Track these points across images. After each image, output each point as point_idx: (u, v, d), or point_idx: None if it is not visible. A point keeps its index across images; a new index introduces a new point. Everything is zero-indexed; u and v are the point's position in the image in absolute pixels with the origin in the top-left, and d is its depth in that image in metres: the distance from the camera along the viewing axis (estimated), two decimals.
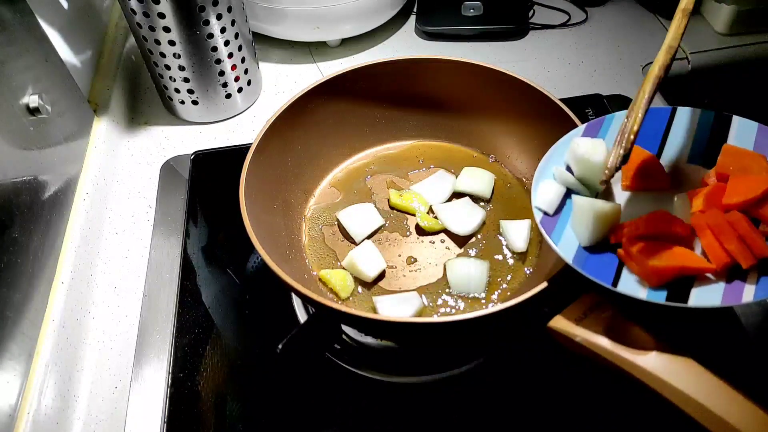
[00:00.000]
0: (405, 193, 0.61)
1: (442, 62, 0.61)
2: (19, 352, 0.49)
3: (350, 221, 0.59)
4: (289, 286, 0.45)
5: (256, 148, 0.54)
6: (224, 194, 0.55)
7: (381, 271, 0.55)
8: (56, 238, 0.59)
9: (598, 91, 0.77)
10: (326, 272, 0.55)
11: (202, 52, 0.70)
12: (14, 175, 0.53)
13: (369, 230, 0.59)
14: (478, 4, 0.89)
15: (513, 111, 0.61)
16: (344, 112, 0.63)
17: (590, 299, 0.43)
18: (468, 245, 0.58)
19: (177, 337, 0.57)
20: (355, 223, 0.59)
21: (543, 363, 0.53)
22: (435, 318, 0.51)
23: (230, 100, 0.77)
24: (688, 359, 0.38)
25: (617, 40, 0.87)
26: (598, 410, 0.51)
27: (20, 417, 0.48)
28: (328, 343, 0.54)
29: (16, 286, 0.50)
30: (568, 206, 0.48)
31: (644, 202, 0.48)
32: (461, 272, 0.54)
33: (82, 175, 0.68)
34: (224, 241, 0.65)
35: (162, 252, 0.64)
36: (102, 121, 0.75)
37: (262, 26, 0.84)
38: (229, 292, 0.61)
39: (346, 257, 0.56)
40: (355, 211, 0.60)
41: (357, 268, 0.55)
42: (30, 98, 0.57)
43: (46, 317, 0.55)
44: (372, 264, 0.55)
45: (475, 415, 0.51)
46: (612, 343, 0.40)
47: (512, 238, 0.57)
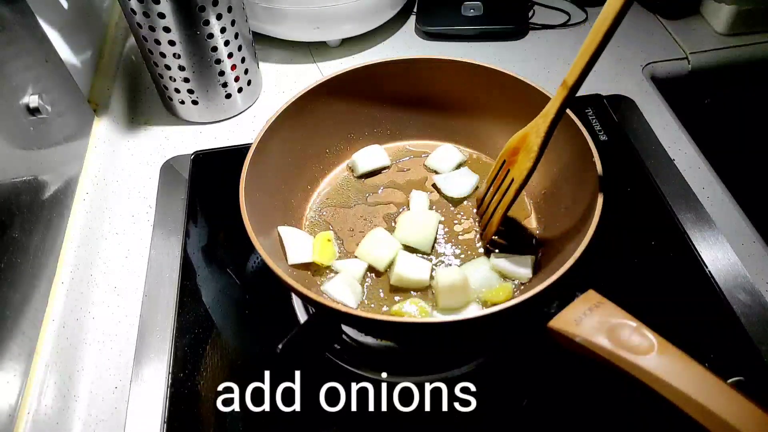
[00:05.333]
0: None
1: (442, 62, 0.61)
2: (19, 352, 0.49)
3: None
4: (289, 286, 0.45)
5: (256, 148, 0.54)
6: (224, 194, 0.55)
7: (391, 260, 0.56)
8: (56, 238, 0.59)
9: (598, 91, 0.77)
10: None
11: (202, 52, 0.70)
12: (14, 175, 0.53)
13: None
14: (478, 4, 0.89)
15: (513, 111, 0.61)
16: (344, 112, 0.63)
17: (590, 299, 0.43)
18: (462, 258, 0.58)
19: (177, 337, 0.57)
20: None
21: (543, 363, 0.53)
22: (435, 318, 0.51)
23: (230, 100, 0.77)
24: (688, 359, 0.37)
25: (617, 40, 0.86)
26: (598, 410, 0.51)
27: (20, 417, 0.48)
28: (328, 343, 0.54)
29: (16, 286, 0.50)
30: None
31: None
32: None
33: (82, 175, 0.68)
34: (224, 241, 0.65)
35: (162, 252, 0.64)
36: (102, 121, 0.75)
37: (262, 26, 0.84)
38: (229, 292, 0.61)
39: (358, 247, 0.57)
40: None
41: (372, 256, 0.55)
42: (30, 98, 0.57)
43: (46, 317, 0.55)
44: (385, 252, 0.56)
45: (475, 415, 0.51)
46: (612, 343, 0.39)
47: (517, 272, 0.54)
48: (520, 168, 0.52)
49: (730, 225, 0.64)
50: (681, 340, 0.38)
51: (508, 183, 0.54)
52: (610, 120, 0.74)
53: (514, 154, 0.53)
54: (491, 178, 0.57)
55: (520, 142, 0.52)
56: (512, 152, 0.53)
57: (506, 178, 0.54)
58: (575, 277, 0.43)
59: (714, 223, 0.63)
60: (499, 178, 0.55)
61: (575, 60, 0.46)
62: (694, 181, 0.68)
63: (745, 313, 0.56)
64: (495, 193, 0.55)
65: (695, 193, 0.66)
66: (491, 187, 0.57)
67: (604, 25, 0.44)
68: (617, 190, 0.63)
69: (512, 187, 0.53)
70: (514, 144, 0.53)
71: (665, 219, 0.64)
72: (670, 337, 0.39)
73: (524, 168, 0.51)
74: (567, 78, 0.47)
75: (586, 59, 0.45)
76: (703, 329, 0.55)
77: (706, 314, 0.56)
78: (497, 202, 0.55)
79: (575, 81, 0.46)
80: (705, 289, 0.58)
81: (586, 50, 0.45)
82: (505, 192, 0.54)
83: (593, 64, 0.45)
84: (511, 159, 0.53)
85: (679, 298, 0.58)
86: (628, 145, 0.71)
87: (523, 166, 0.51)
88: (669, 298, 0.58)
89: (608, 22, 0.44)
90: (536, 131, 0.50)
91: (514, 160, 0.53)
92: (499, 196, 0.55)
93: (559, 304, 0.43)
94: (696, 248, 0.61)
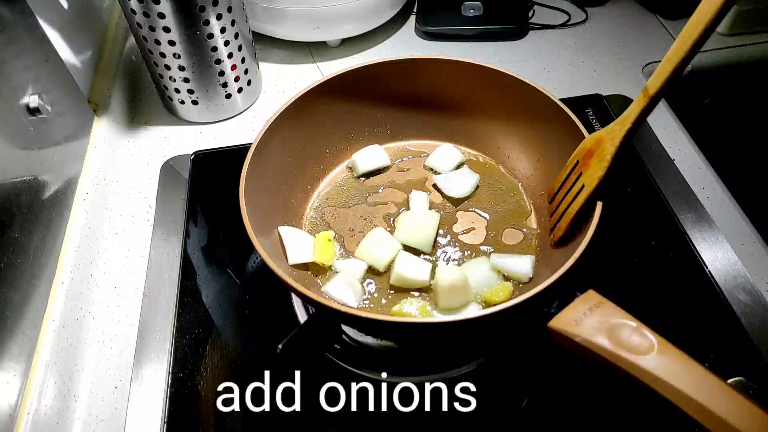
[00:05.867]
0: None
1: (442, 62, 0.61)
2: (19, 352, 0.49)
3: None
4: (289, 286, 0.45)
5: (256, 148, 0.54)
6: (224, 194, 0.55)
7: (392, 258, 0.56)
8: (56, 238, 0.59)
9: (598, 91, 0.77)
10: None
11: (202, 52, 0.70)
12: (14, 175, 0.53)
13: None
14: (478, 4, 0.89)
15: (513, 111, 0.61)
16: (344, 112, 0.63)
17: (590, 299, 0.43)
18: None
19: (177, 337, 0.57)
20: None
21: (543, 363, 0.53)
22: (435, 318, 0.51)
23: (230, 100, 0.77)
24: (688, 359, 0.37)
25: (617, 40, 0.87)
26: (598, 410, 0.51)
27: (20, 417, 0.48)
28: (328, 343, 0.54)
29: (16, 286, 0.50)
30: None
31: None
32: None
33: (82, 175, 0.68)
34: (224, 241, 0.65)
35: (162, 252, 0.64)
36: (102, 121, 0.75)
37: (262, 26, 0.84)
38: (229, 292, 0.61)
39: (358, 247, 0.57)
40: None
41: (372, 255, 0.55)
42: (30, 98, 0.57)
43: (46, 317, 0.55)
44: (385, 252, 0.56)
45: (475, 415, 0.51)
46: (612, 343, 0.39)
47: (517, 272, 0.54)
48: (592, 175, 0.48)
49: (730, 225, 0.64)
50: (681, 340, 0.38)
51: (579, 187, 0.50)
52: (610, 120, 0.72)
53: (588, 158, 0.49)
54: (564, 176, 0.53)
55: (595, 145, 0.49)
56: (586, 154, 0.50)
57: (578, 180, 0.50)
58: (575, 277, 0.43)
59: (714, 223, 0.63)
60: (571, 179, 0.51)
61: (659, 66, 0.42)
62: (694, 181, 0.68)
63: (745, 313, 0.56)
64: (566, 194, 0.52)
65: (695, 193, 0.66)
66: (564, 184, 0.53)
67: (697, 30, 0.39)
68: (617, 190, 0.63)
69: (582, 193, 0.49)
70: (589, 145, 0.50)
71: (665, 219, 0.64)
72: (670, 337, 0.39)
73: (596, 176, 0.48)
74: (649, 84, 0.43)
75: (673, 66, 0.41)
76: (703, 329, 0.55)
77: (706, 314, 0.56)
78: (567, 204, 0.51)
79: (658, 89, 0.43)
80: (705, 289, 0.58)
81: (673, 56, 0.41)
82: (576, 195, 0.50)
83: (681, 71, 0.41)
84: (584, 162, 0.50)
85: (679, 298, 0.58)
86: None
87: (595, 174, 0.48)
88: (669, 298, 0.58)
89: (702, 26, 0.39)
90: (611, 138, 0.47)
91: (588, 164, 0.49)
92: (569, 198, 0.51)
93: (559, 304, 0.43)
94: (696, 248, 0.61)
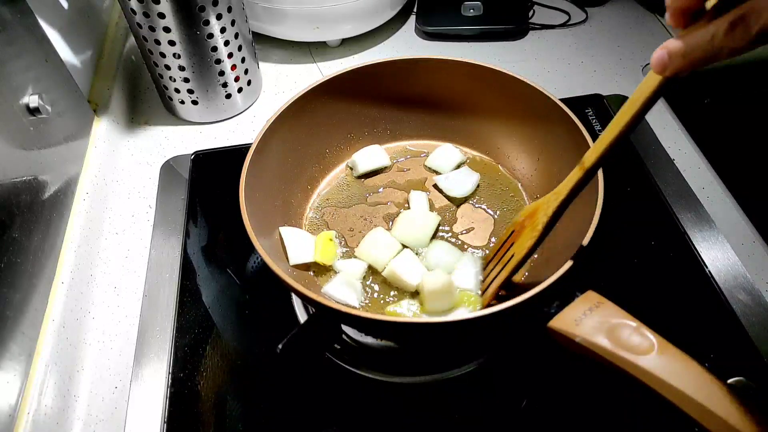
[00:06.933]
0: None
1: (442, 62, 0.61)
2: (19, 352, 0.49)
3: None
4: (289, 286, 0.45)
5: (256, 148, 0.54)
6: (224, 194, 0.55)
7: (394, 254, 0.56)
8: (56, 238, 0.59)
9: (598, 91, 0.78)
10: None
11: (202, 52, 0.70)
12: (14, 175, 0.53)
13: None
14: (478, 4, 0.89)
15: (513, 111, 0.61)
16: (344, 112, 0.63)
17: (590, 299, 0.43)
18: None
19: (177, 337, 0.57)
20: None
21: (543, 363, 0.53)
22: (435, 318, 0.51)
23: (230, 100, 0.77)
24: (688, 359, 0.37)
25: (617, 40, 0.87)
26: (598, 410, 0.51)
27: (20, 417, 0.48)
28: (328, 343, 0.54)
29: (16, 286, 0.50)
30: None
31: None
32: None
33: (82, 175, 0.68)
34: (224, 241, 0.65)
35: (162, 252, 0.64)
36: (102, 121, 0.75)
37: (262, 26, 0.84)
38: (229, 292, 0.61)
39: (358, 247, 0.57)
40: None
41: (372, 255, 0.55)
42: (30, 98, 0.57)
43: (46, 317, 0.55)
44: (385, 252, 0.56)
45: (475, 415, 0.51)
46: (612, 343, 0.39)
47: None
48: (522, 244, 0.48)
49: (730, 225, 0.64)
50: (681, 340, 0.38)
51: (508, 257, 0.49)
52: (610, 120, 0.73)
53: (522, 228, 0.49)
54: (499, 244, 0.52)
55: (530, 215, 0.48)
56: (520, 225, 0.49)
57: (509, 250, 0.50)
58: (575, 277, 0.43)
59: (714, 223, 0.63)
60: (504, 248, 0.51)
61: (596, 142, 0.42)
62: (694, 181, 0.68)
63: (745, 313, 0.56)
64: (498, 262, 0.51)
65: (695, 193, 0.66)
66: (498, 252, 0.52)
67: (633, 108, 0.39)
68: (617, 190, 0.63)
69: (510, 262, 0.49)
70: (524, 216, 0.49)
71: (665, 219, 0.64)
72: (670, 337, 0.39)
73: (526, 246, 0.47)
74: (585, 159, 0.43)
75: (608, 142, 0.41)
76: (703, 329, 0.55)
77: (706, 314, 0.56)
78: (497, 273, 0.51)
79: (593, 163, 0.42)
80: (705, 289, 0.58)
81: (609, 133, 0.41)
82: (505, 265, 0.50)
83: (616, 147, 0.41)
84: (518, 232, 0.50)
85: (679, 299, 0.58)
86: (628, 145, 0.71)
87: (525, 243, 0.47)
88: (669, 298, 0.58)
89: (638, 104, 0.39)
90: (545, 209, 0.46)
91: (520, 233, 0.49)
92: (499, 267, 0.51)
93: (559, 304, 0.43)
94: (696, 248, 0.61)
